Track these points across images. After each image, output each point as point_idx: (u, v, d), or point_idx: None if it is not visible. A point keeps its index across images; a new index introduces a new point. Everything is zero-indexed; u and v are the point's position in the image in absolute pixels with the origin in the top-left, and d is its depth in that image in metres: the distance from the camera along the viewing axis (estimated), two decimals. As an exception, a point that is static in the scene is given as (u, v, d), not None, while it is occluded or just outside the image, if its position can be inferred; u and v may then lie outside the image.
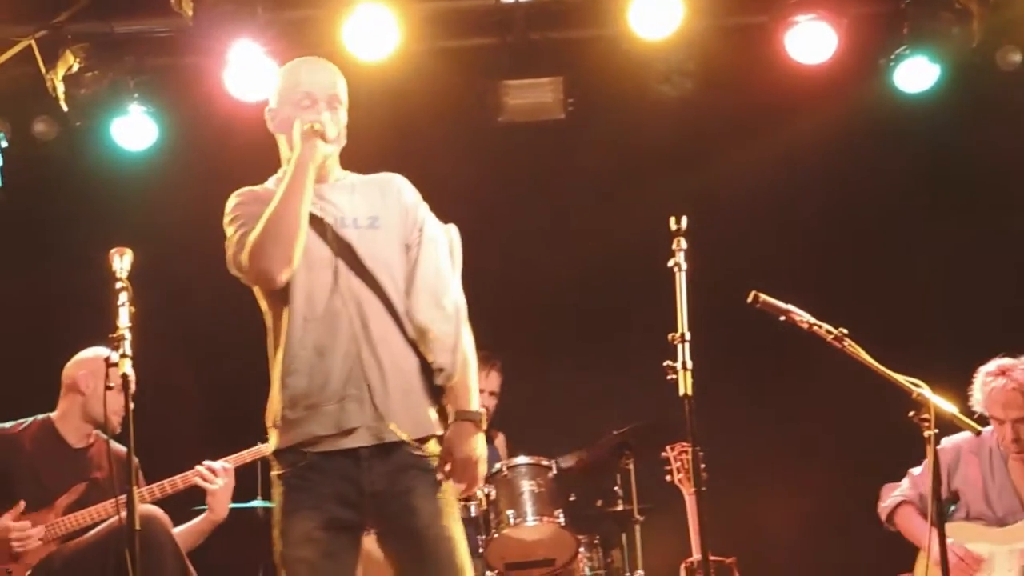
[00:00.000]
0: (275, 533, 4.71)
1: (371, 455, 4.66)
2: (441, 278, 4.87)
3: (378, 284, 4.76)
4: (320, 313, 4.69)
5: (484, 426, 4.84)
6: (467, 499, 6.88)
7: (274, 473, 4.76)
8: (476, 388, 4.89)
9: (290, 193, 4.68)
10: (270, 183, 4.99)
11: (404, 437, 4.68)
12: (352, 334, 4.68)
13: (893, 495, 7.29)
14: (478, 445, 4.76)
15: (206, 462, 6.77)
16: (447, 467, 4.73)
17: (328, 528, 4.64)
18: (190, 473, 6.73)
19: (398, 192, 4.96)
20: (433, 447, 4.76)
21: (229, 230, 4.84)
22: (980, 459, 7.17)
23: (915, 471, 7.23)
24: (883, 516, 7.32)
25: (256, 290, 4.87)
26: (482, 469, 4.79)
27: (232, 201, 4.93)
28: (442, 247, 4.94)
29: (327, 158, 4.90)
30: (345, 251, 4.76)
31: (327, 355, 4.66)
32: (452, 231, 5.02)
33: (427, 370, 4.77)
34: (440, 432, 4.78)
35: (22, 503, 6.52)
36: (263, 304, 4.86)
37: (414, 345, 4.76)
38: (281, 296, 4.73)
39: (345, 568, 4.71)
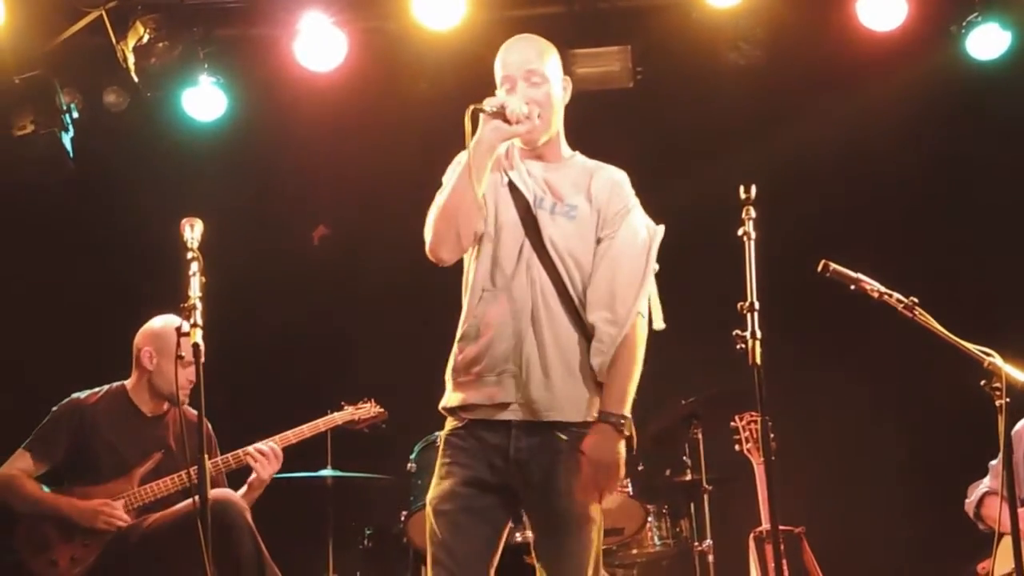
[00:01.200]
0: (431, 484, 4.83)
1: (521, 427, 4.73)
2: (621, 280, 4.90)
3: (557, 271, 4.81)
4: (499, 285, 4.78)
5: (629, 432, 4.87)
6: None
7: (438, 434, 4.98)
8: (631, 393, 4.91)
9: (460, 178, 4.71)
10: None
11: (557, 419, 4.75)
12: (525, 312, 4.74)
13: (977, 490, 7.23)
14: (614, 450, 4.79)
15: (266, 441, 6.79)
16: (583, 468, 4.75)
17: (471, 485, 4.73)
18: (257, 446, 6.75)
19: (607, 189, 4.99)
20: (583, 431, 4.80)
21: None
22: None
23: (993, 462, 7.17)
24: (970, 512, 7.26)
25: None
26: (619, 474, 4.83)
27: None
28: (636, 249, 4.98)
29: (533, 134, 4.90)
30: (533, 232, 4.81)
31: (497, 328, 4.74)
32: (657, 232, 5.09)
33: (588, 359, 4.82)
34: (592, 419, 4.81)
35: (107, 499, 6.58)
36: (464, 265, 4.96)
37: (586, 336, 4.81)
38: (469, 268, 4.85)
39: (486, 524, 4.78)
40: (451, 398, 4.82)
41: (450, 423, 4.85)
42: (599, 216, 4.93)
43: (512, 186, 4.88)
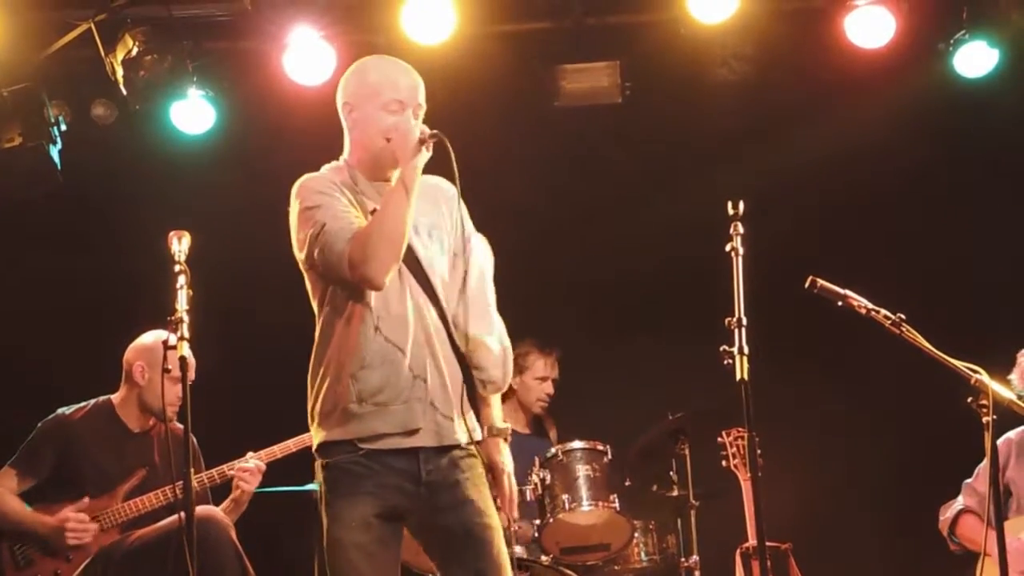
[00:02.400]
0: (327, 516, 4.74)
1: (429, 451, 4.74)
2: (485, 292, 4.96)
3: (434, 292, 4.83)
4: (392, 313, 4.73)
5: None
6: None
7: (323, 461, 4.80)
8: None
9: (403, 199, 4.66)
10: (326, 171, 4.98)
11: (462, 441, 4.78)
12: (417, 337, 4.73)
13: (952, 508, 7.24)
14: (510, 459, 4.98)
15: (252, 459, 6.78)
16: (502, 482, 4.93)
17: (383, 516, 4.70)
18: (241, 462, 6.75)
19: (449, 201, 4.96)
20: (476, 449, 4.87)
21: (310, 221, 4.77)
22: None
23: (968, 481, 7.18)
24: (944, 530, 7.28)
25: (314, 283, 4.89)
26: (513, 482, 5.00)
27: (308, 191, 4.87)
28: (485, 259, 5.02)
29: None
30: (409, 257, 4.78)
31: (397, 355, 4.70)
32: (485, 243, 5.08)
33: (469, 379, 4.84)
34: (480, 438, 4.89)
35: (86, 500, 6.56)
36: (324, 296, 4.85)
37: (460, 355, 4.83)
38: (353, 293, 4.75)
39: (394, 555, 4.78)
40: (346, 430, 4.71)
41: (335, 454, 4.74)
42: (452, 230, 4.95)
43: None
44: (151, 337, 6.80)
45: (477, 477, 4.79)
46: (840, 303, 5.67)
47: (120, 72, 8.19)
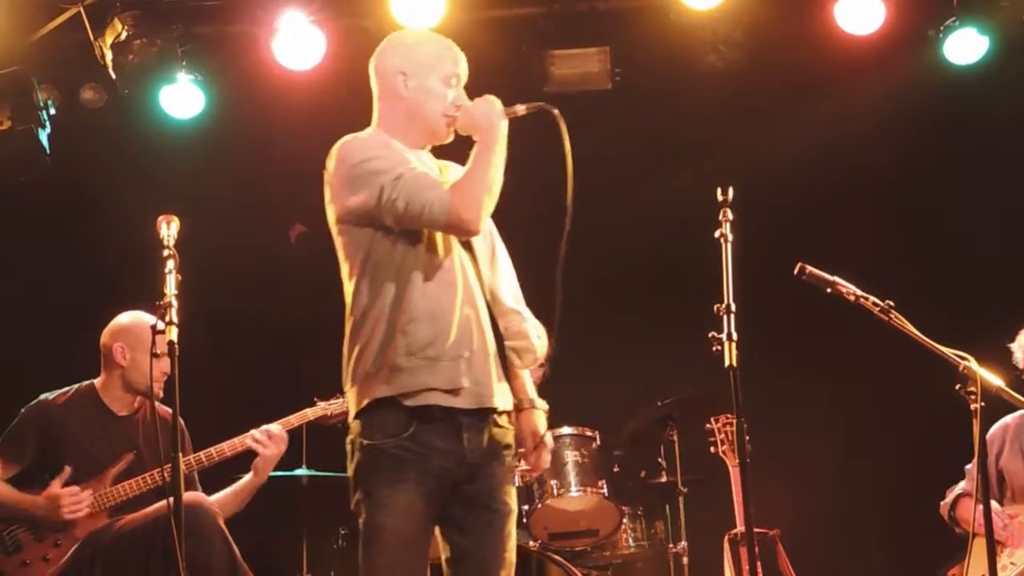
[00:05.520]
0: (367, 501, 4.70)
1: (470, 424, 4.70)
2: (513, 270, 5.03)
3: (475, 257, 4.85)
4: (441, 269, 4.74)
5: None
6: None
7: (362, 442, 4.73)
8: None
9: (501, 152, 4.75)
10: (365, 135, 4.96)
11: (500, 407, 4.78)
12: (462, 296, 4.73)
13: (952, 492, 7.26)
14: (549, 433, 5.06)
15: (264, 426, 6.76)
16: (523, 450, 4.96)
17: (425, 501, 4.66)
18: (243, 438, 6.71)
19: None
20: (505, 421, 4.84)
21: (374, 173, 4.70)
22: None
23: (969, 466, 7.19)
24: (945, 514, 7.28)
25: (354, 242, 4.80)
26: (548, 458, 5.06)
27: (357, 147, 4.84)
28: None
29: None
30: None
31: (445, 311, 4.68)
32: None
33: (502, 349, 4.84)
34: (510, 409, 4.88)
35: (67, 469, 6.53)
36: (367, 255, 4.77)
37: (495, 324, 4.83)
38: (404, 249, 4.72)
39: (428, 542, 4.75)
40: (395, 385, 4.65)
41: (381, 426, 4.68)
42: None
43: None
44: (128, 317, 6.76)
45: (507, 456, 4.80)
46: (829, 290, 5.67)
47: (109, 56, 8.19)
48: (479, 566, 4.76)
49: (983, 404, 5.51)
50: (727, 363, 5.11)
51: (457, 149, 4.88)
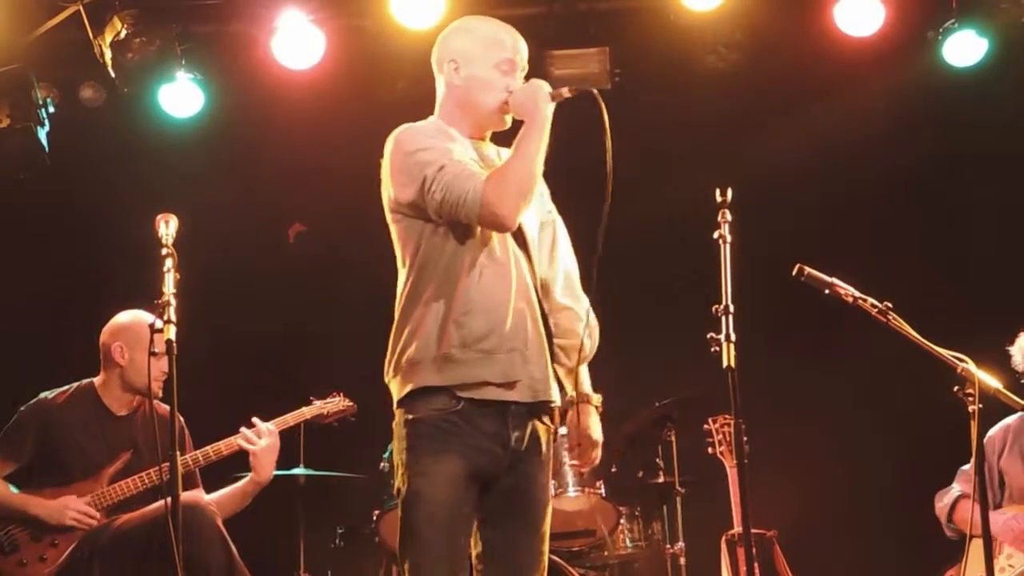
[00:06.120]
0: (411, 469, 4.62)
1: (517, 412, 4.68)
2: (575, 264, 5.04)
3: (528, 251, 4.84)
4: (496, 261, 4.71)
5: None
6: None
7: (408, 416, 4.68)
8: None
9: (540, 143, 4.74)
10: (423, 125, 4.94)
11: (554, 400, 4.78)
12: (516, 289, 4.71)
13: (949, 494, 7.24)
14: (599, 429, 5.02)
15: (254, 421, 6.76)
16: (575, 446, 4.95)
17: (469, 476, 4.62)
18: (234, 438, 6.72)
19: None
20: (548, 420, 4.84)
21: (421, 164, 4.68)
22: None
23: (964, 468, 7.18)
24: (942, 517, 7.26)
25: (406, 231, 4.78)
26: (599, 454, 5.00)
27: (411, 137, 4.83)
28: (568, 239, 5.08)
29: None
30: None
31: (500, 304, 4.67)
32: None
33: (551, 343, 4.83)
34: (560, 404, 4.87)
35: (74, 489, 6.54)
36: (419, 244, 4.75)
37: (545, 319, 4.82)
38: (457, 239, 4.69)
39: (470, 519, 4.70)
40: (446, 375, 4.61)
41: (426, 408, 4.63)
42: (539, 198, 4.96)
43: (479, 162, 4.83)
44: (127, 316, 6.76)
45: (547, 450, 4.78)
46: (827, 291, 5.66)
47: (108, 55, 8.19)
48: (511, 565, 4.73)
49: (981, 406, 5.50)
50: (725, 364, 5.10)
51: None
